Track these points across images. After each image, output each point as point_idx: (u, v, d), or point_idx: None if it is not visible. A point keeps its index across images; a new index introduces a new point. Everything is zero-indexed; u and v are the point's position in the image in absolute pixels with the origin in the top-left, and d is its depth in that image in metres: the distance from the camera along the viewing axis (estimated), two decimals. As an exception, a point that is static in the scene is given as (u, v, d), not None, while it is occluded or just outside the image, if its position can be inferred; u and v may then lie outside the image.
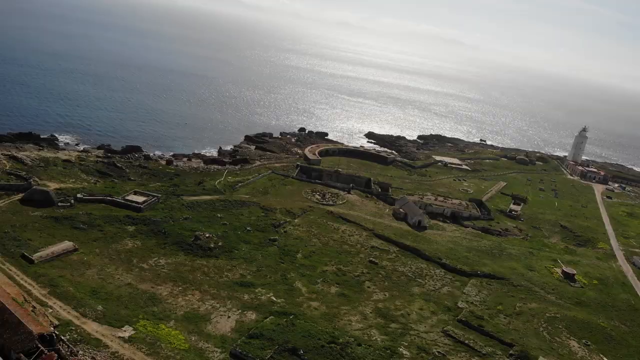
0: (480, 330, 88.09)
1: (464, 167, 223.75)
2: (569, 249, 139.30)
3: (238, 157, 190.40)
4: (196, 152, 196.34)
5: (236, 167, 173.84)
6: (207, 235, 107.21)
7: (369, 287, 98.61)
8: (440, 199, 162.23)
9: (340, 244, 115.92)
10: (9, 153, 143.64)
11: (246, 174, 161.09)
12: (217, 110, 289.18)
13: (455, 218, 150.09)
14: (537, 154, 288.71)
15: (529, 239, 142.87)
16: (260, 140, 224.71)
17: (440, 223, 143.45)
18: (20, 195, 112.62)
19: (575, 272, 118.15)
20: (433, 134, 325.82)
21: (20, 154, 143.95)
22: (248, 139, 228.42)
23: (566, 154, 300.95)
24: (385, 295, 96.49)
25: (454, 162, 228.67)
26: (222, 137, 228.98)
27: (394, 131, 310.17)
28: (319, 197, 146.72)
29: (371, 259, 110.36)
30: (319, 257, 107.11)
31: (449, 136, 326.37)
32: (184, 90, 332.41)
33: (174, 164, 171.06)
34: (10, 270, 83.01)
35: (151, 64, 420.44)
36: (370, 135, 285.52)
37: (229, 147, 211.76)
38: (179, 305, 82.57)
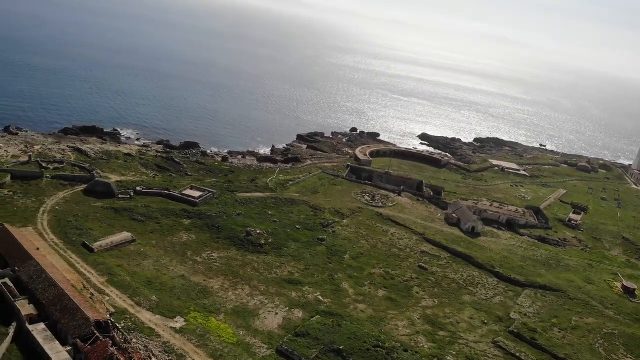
0: (533, 343, 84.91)
1: (522, 172, 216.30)
2: (631, 262, 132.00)
3: (290, 155, 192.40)
4: (250, 149, 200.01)
5: (288, 166, 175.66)
6: (258, 231, 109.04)
7: (417, 292, 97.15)
8: (496, 205, 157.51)
9: (389, 247, 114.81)
10: (74, 145, 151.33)
11: (297, 172, 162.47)
12: (272, 109, 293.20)
13: (511, 226, 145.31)
14: (600, 162, 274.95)
15: (589, 251, 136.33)
16: (312, 140, 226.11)
17: (495, 230, 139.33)
18: (83, 186, 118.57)
19: (636, 287, 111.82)
20: (490, 137, 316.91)
21: (84, 147, 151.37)
22: (300, 138, 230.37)
23: (631, 162, 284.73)
24: (434, 302, 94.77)
25: (511, 167, 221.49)
26: (275, 136, 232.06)
27: (449, 133, 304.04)
28: (368, 199, 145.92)
29: (421, 264, 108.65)
30: (367, 259, 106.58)
31: (507, 140, 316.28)
32: (240, 88, 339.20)
33: (229, 161, 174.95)
34: (72, 258, 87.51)
35: (207, 62, 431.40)
36: (423, 137, 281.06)
37: (281, 146, 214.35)
38: (229, 299, 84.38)
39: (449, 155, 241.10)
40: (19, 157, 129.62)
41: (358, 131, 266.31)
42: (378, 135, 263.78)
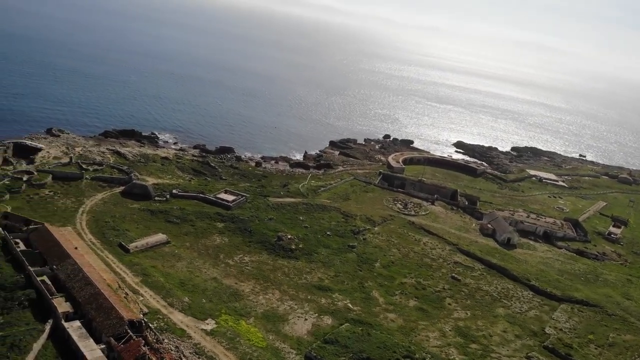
0: (568, 359, 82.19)
1: (561, 183, 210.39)
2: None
3: (322, 161, 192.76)
4: (283, 155, 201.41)
5: (320, 172, 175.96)
6: (289, 236, 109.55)
7: (449, 304, 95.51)
8: (533, 216, 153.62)
9: (421, 256, 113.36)
10: (114, 148, 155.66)
11: (329, 178, 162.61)
12: (305, 116, 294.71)
13: (548, 238, 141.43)
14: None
15: (628, 265, 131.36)
16: (344, 146, 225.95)
17: (532, 242, 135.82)
18: (121, 188, 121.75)
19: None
20: (528, 146, 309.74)
21: (123, 150, 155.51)
22: (333, 144, 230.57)
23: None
24: (466, 313, 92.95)
25: (549, 177, 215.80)
26: (308, 142, 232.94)
27: (485, 141, 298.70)
28: (400, 207, 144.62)
29: (454, 274, 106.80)
30: (398, 268, 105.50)
31: (545, 149, 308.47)
32: (273, 95, 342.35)
33: (262, 166, 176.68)
34: (108, 257, 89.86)
35: (241, 68, 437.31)
36: (459, 145, 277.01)
37: (314, 152, 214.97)
38: (259, 303, 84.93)
39: (485, 164, 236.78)
40: (60, 159, 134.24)
41: (391, 138, 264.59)
42: (412, 142, 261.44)
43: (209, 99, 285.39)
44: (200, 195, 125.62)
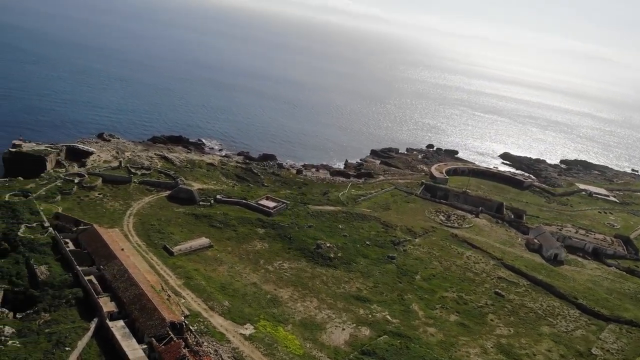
0: (620, 385, 78.16)
1: (612, 198, 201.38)
2: None
3: (363, 170, 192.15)
4: (324, 163, 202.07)
5: (360, 181, 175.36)
6: (328, 245, 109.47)
7: (492, 320, 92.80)
8: (582, 232, 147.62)
9: (464, 270, 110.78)
10: (161, 153, 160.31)
11: (369, 188, 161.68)
12: (346, 124, 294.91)
13: (597, 255, 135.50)
14: None
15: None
16: (385, 155, 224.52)
17: (580, 259, 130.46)
18: (167, 192, 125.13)
19: None
20: (577, 159, 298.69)
21: (170, 155, 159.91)
22: (374, 153, 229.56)
23: None
24: (509, 330, 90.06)
25: (600, 192, 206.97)
26: (349, 150, 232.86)
27: (533, 153, 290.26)
28: (443, 218, 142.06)
29: (497, 290, 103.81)
30: (439, 282, 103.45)
31: (596, 163, 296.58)
32: (315, 103, 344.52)
33: (303, 173, 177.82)
34: (152, 259, 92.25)
35: (284, 77, 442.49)
36: (505, 156, 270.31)
37: (354, 161, 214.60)
38: (297, 311, 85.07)
39: (532, 176, 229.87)
40: (110, 162, 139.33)
41: (434, 148, 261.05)
42: (456, 152, 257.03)
43: (252, 107, 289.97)
44: (243, 201, 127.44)
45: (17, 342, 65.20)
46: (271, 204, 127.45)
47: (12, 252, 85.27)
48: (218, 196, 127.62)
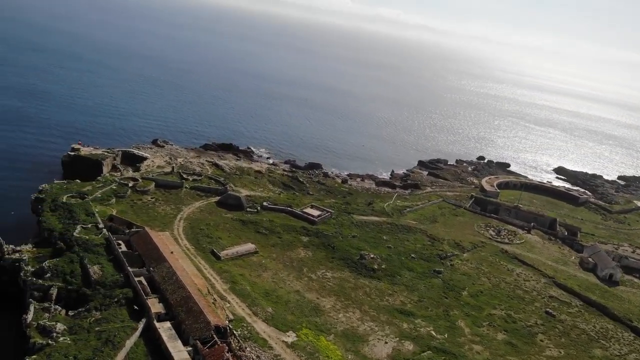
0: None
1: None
2: None
3: (409, 181, 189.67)
4: (369, 173, 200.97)
5: (406, 192, 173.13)
6: (372, 256, 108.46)
7: (541, 340, 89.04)
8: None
9: (513, 287, 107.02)
10: (212, 160, 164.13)
11: (416, 199, 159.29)
12: (393, 134, 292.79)
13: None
14: None
15: None
16: (433, 167, 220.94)
17: (636, 280, 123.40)
18: (216, 198, 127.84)
19: None
20: (636, 175, 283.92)
21: (220, 162, 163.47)
22: (421, 164, 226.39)
23: None
24: (560, 352, 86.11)
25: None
26: (395, 160, 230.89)
27: (589, 168, 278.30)
28: (493, 233, 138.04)
29: (548, 309, 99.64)
30: (487, 299, 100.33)
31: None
32: (361, 112, 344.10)
33: (348, 183, 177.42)
34: (200, 263, 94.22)
35: (329, 86, 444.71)
36: (559, 171, 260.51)
37: (401, 171, 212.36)
38: (340, 321, 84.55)
39: (588, 192, 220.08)
40: (163, 168, 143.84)
41: (485, 160, 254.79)
42: (508, 165, 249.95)
43: (299, 116, 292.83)
44: (288, 208, 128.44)
45: (68, 339, 67.94)
46: (316, 213, 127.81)
47: (68, 251, 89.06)
48: (265, 203, 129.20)
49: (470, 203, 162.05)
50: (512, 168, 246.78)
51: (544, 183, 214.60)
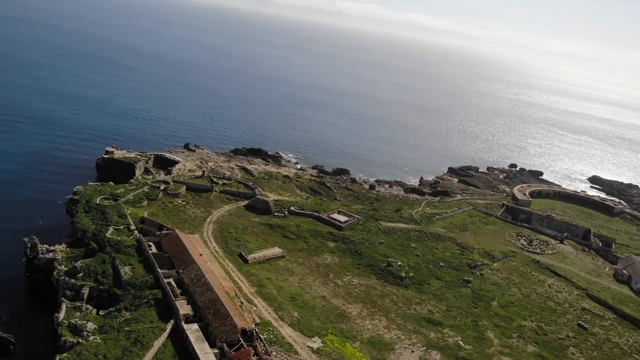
0: None
1: None
2: None
3: (439, 188, 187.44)
4: (398, 179, 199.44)
5: (435, 199, 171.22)
6: (399, 263, 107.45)
7: (573, 353, 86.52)
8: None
9: (545, 299, 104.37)
10: (241, 165, 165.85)
11: (445, 207, 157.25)
12: (424, 140, 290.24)
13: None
14: None
15: None
16: (464, 174, 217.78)
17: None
18: (245, 202, 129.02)
19: None
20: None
21: (250, 167, 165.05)
22: (451, 171, 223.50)
23: None
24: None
25: None
26: (424, 167, 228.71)
27: (625, 178, 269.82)
28: (524, 243, 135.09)
29: (580, 322, 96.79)
30: (517, 309, 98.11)
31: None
32: (391, 118, 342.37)
33: (376, 189, 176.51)
34: (228, 266, 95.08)
35: (359, 92, 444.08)
36: (594, 180, 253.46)
37: (430, 178, 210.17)
38: (366, 328, 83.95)
39: (624, 202, 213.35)
40: (194, 171, 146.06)
41: (517, 168, 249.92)
42: (541, 173, 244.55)
43: (327, 123, 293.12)
44: (315, 213, 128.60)
45: (98, 338, 69.37)
46: (343, 218, 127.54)
47: (100, 251, 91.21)
48: (292, 208, 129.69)
49: (502, 211, 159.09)
50: (545, 176, 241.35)
51: (578, 192, 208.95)
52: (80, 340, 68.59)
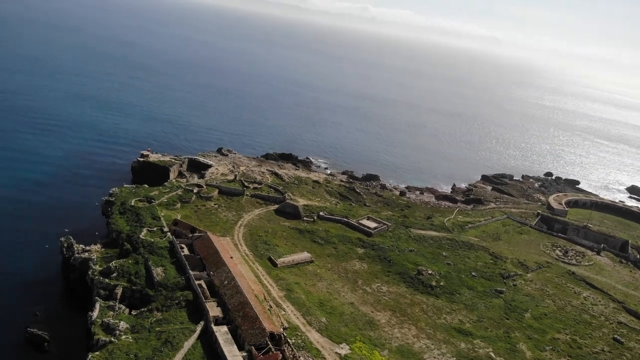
0: None
1: None
2: None
3: (472, 196, 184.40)
4: (429, 186, 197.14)
5: (468, 207, 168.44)
6: (429, 272, 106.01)
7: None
8: None
9: (580, 311, 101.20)
10: (272, 170, 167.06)
11: (478, 215, 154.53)
12: (456, 147, 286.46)
13: None
14: None
15: None
16: (498, 182, 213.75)
17: None
18: (275, 206, 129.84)
19: None
20: None
21: (280, 171, 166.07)
22: (485, 178, 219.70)
23: None
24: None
25: None
26: (457, 174, 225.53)
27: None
28: (559, 253, 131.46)
29: (616, 336, 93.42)
30: (551, 322, 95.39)
31: None
32: (423, 125, 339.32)
33: (407, 195, 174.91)
34: (258, 269, 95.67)
35: (392, 98, 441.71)
36: (632, 190, 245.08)
37: (463, 185, 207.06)
38: (394, 337, 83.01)
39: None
40: (226, 175, 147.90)
41: (553, 176, 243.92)
42: (577, 183, 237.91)
43: (356, 129, 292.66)
44: (344, 219, 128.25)
45: (130, 337, 70.69)
46: (372, 225, 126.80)
47: (133, 252, 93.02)
48: (321, 213, 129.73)
49: (537, 221, 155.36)
50: (582, 186, 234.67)
51: (616, 202, 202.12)
52: (112, 339, 70.01)
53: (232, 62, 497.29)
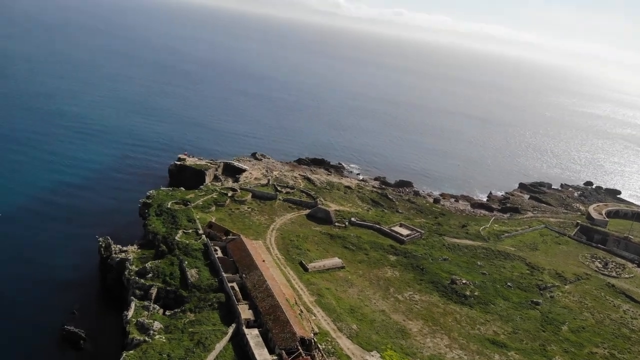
0: None
1: None
2: None
3: (508, 205, 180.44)
4: (464, 194, 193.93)
5: (505, 216, 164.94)
6: (464, 281, 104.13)
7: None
8: None
9: (619, 325, 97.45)
10: (304, 174, 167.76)
11: (515, 224, 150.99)
12: (493, 154, 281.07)
13: None
14: None
15: None
16: (536, 190, 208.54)
17: None
18: (307, 211, 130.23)
19: None
20: None
21: (312, 176, 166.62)
22: (522, 187, 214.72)
23: None
24: (677, 405, 76.69)
25: None
26: (493, 182, 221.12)
27: None
28: (599, 265, 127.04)
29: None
30: (589, 335, 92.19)
31: None
32: (460, 131, 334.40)
33: (441, 203, 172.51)
34: (289, 273, 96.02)
35: (425, 104, 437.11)
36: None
37: (499, 193, 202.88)
38: (426, 346, 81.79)
39: None
40: (260, 180, 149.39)
41: (594, 186, 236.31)
42: (618, 192, 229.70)
43: (391, 135, 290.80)
44: (376, 225, 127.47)
45: (164, 337, 71.99)
46: (405, 232, 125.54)
47: (169, 254, 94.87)
48: (353, 219, 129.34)
49: (575, 231, 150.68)
50: (623, 195, 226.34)
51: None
52: (146, 339, 71.42)
53: (270, 69, 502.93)
